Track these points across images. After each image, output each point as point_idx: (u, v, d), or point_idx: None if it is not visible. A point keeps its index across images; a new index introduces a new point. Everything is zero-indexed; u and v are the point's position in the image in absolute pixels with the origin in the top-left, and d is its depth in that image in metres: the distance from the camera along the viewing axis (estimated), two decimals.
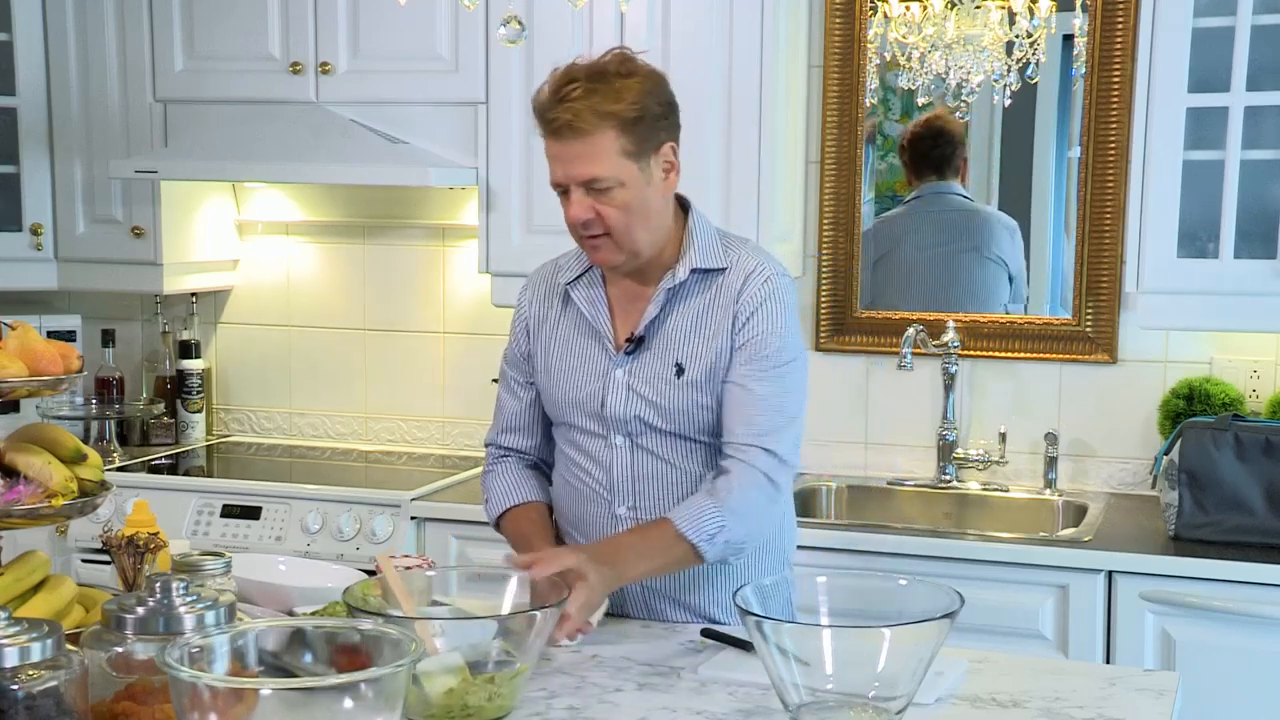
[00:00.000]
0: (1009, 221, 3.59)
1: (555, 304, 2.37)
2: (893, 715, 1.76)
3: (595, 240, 2.22)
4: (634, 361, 2.28)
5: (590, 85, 2.15)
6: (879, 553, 3.02)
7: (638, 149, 2.18)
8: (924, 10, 3.43)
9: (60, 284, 3.89)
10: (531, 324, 2.40)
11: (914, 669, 1.74)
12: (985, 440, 3.52)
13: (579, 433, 2.34)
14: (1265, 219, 3.06)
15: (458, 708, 1.79)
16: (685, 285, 2.27)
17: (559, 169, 2.20)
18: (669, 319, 2.28)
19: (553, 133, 2.17)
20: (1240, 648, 2.83)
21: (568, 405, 2.33)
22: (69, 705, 1.55)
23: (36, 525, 1.95)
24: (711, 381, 2.25)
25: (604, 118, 2.14)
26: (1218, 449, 2.98)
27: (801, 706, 1.76)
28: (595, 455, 2.32)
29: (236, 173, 3.67)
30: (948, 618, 1.74)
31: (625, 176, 2.17)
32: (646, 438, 2.28)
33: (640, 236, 2.22)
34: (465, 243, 3.84)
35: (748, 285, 2.25)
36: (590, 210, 2.18)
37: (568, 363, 2.33)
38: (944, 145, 3.61)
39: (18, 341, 1.94)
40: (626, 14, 3.30)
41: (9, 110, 3.79)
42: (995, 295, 3.62)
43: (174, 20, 3.70)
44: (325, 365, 4.07)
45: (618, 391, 2.28)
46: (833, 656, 1.74)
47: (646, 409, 2.27)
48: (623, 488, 2.31)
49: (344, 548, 3.35)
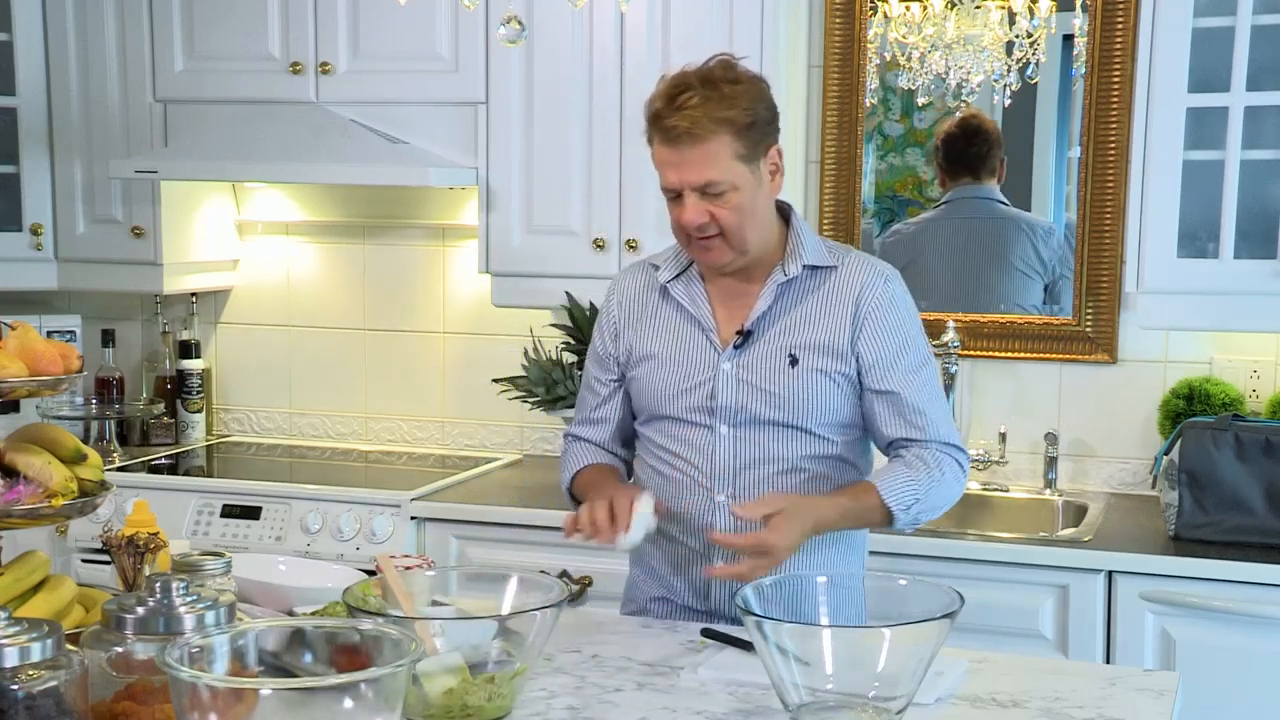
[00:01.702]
0: (1045, 225, 3.53)
1: (652, 300, 2.42)
2: (893, 715, 1.76)
3: (708, 241, 2.27)
4: (742, 355, 2.32)
5: (705, 93, 2.21)
6: (879, 553, 3.01)
7: (750, 152, 2.24)
8: (924, 10, 3.43)
9: (60, 284, 3.89)
10: (622, 324, 2.44)
11: (914, 669, 1.75)
12: (985, 440, 3.52)
13: (678, 424, 2.36)
14: (1265, 219, 3.06)
15: (458, 708, 1.79)
16: (797, 281, 2.33)
17: (673, 174, 2.24)
18: (779, 313, 2.33)
19: (670, 140, 2.22)
20: (1240, 648, 2.83)
21: (672, 398, 2.36)
22: (69, 705, 1.55)
23: (36, 525, 1.95)
24: (826, 371, 2.30)
25: (720, 124, 2.20)
26: (1218, 449, 2.98)
27: (801, 706, 1.76)
28: (697, 444, 2.35)
29: (236, 173, 3.67)
30: (948, 618, 1.74)
31: (739, 180, 2.23)
32: (752, 427, 2.32)
33: (751, 236, 2.28)
34: (465, 243, 3.84)
35: (870, 287, 2.31)
36: (705, 214, 2.24)
37: (671, 357, 2.37)
38: (979, 144, 3.55)
39: (18, 341, 1.94)
40: (626, 14, 3.30)
41: (9, 110, 3.79)
42: (1025, 302, 3.57)
43: (174, 20, 3.71)
44: (325, 365, 4.07)
45: (728, 384, 2.32)
46: (832, 657, 1.75)
47: (759, 399, 2.30)
48: (724, 476, 2.33)
49: (344, 548, 3.35)
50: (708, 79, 2.22)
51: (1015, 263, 3.59)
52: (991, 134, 3.54)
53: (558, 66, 3.40)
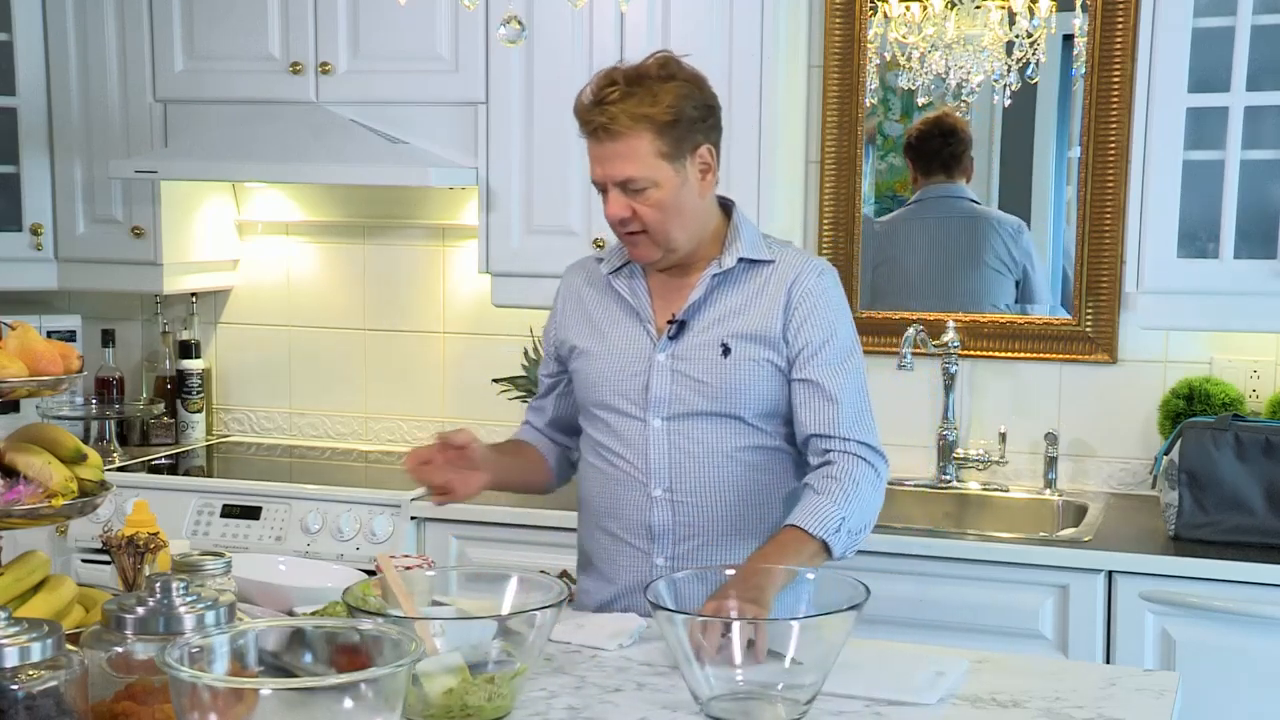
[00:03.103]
0: (1013, 223, 3.56)
1: (594, 293, 2.44)
2: (801, 705, 1.81)
3: (633, 236, 2.30)
4: (676, 345, 2.34)
5: (628, 89, 2.23)
6: (879, 553, 3.01)
7: (674, 150, 2.25)
8: (924, 10, 3.43)
9: (60, 284, 3.89)
10: (563, 319, 2.47)
11: (821, 660, 1.80)
12: (985, 440, 3.52)
13: (615, 415, 2.38)
14: (1265, 219, 3.06)
15: (457, 708, 1.79)
16: (732, 274, 2.34)
17: (597, 168, 2.28)
18: (713, 304, 2.34)
19: (590, 134, 2.27)
20: (1240, 648, 2.83)
21: (609, 388, 2.38)
22: (69, 705, 1.55)
23: (36, 525, 1.95)
24: (758, 360, 2.31)
25: (639, 120, 2.22)
26: (1218, 449, 2.98)
27: (712, 700, 1.81)
28: (631, 439, 2.36)
29: (236, 173, 3.67)
30: (853, 609, 1.80)
31: (660, 177, 2.25)
32: (684, 420, 2.33)
33: (676, 235, 2.29)
34: (465, 243, 3.84)
35: (803, 279, 2.32)
36: (627, 209, 2.27)
37: (609, 349, 2.39)
38: (954, 144, 3.58)
39: (18, 341, 1.94)
40: (626, 14, 3.30)
41: (9, 110, 3.79)
42: (998, 301, 3.59)
43: (174, 20, 3.71)
44: (325, 365, 4.07)
45: (661, 374, 2.33)
46: (741, 649, 1.80)
47: (692, 389, 2.32)
48: (659, 470, 2.34)
49: (344, 548, 3.35)
50: (636, 76, 2.24)
51: (989, 260, 3.60)
52: (963, 133, 3.56)
53: (558, 66, 3.40)
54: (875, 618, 2.95)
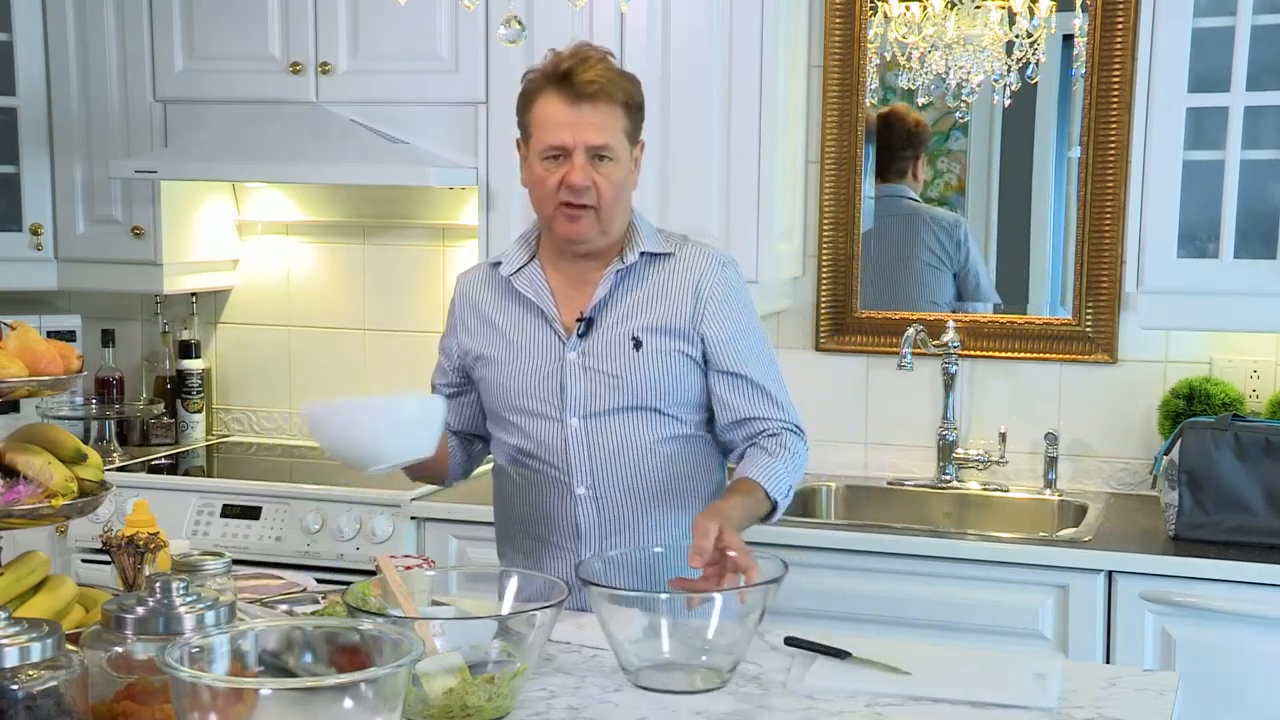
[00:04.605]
0: (949, 218, 3.59)
1: (494, 297, 2.43)
2: (724, 674, 1.95)
3: (579, 210, 2.29)
4: (586, 342, 2.35)
5: (611, 62, 2.29)
6: (879, 553, 3.02)
7: (633, 132, 2.33)
8: (924, 10, 3.43)
9: (60, 284, 3.89)
10: (466, 323, 2.45)
11: (742, 633, 1.95)
12: (985, 440, 3.52)
13: (530, 418, 2.38)
14: (1265, 219, 3.06)
15: (458, 708, 1.79)
16: (635, 268, 2.37)
17: (566, 133, 2.26)
18: (619, 300, 2.36)
19: (576, 97, 2.26)
20: (1240, 648, 2.83)
21: (522, 391, 2.38)
22: (69, 705, 1.55)
23: (36, 525, 1.95)
24: (670, 351, 2.34)
25: (623, 92, 2.29)
26: (1218, 449, 2.98)
27: (640, 670, 1.94)
28: (548, 441, 2.37)
29: (236, 173, 3.67)
30: (773, 583, 1.95)
31: (621, 154, 2.31)
32: (601, 416, 2.34)
33: (617, 215, 2.34)
34: (465, 243, 3.84)
35: (709, 273, 2.36)
36: (590, 177, 2.27)
37: (517, 351, 2.38)
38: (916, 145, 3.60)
39: (18, 341, 1.94)
40: (626, 14, 3.30)
41: (9, 110, 3.79)
42: (939, 299, 3.62)
43: (174, 20, 3.70)
44: (325, 365, 4.07)
45: (574, 372, 2.34)
46: (668, 624, 1.97)
47: (606, 385, 2.33)
48: (581, 468, 2.36)
49: (344, 548, 3.35)
50: (606, 55, 2.30)
51: (922, 255, 3.63)
52: (913, 131, 3.57)
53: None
54: (875, 618, 2.97)
